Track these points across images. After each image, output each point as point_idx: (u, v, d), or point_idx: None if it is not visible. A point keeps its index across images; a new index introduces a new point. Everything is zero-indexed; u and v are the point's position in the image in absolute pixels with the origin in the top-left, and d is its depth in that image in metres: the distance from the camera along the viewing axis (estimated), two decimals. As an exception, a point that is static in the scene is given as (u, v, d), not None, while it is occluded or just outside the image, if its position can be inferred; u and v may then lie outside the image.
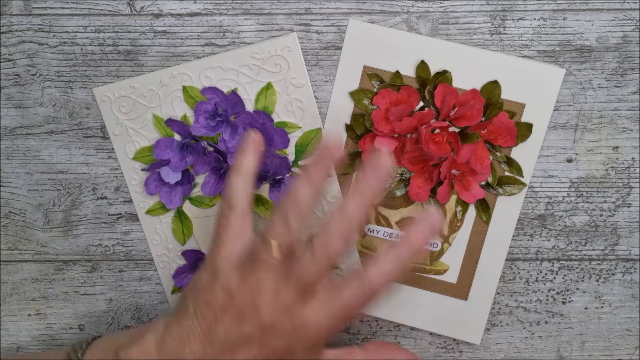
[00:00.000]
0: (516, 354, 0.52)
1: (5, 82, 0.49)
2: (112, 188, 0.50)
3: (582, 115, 0.49)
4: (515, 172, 0.49)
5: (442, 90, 0.47)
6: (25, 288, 0.51)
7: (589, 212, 0.50)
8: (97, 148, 0.50)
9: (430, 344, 0.52)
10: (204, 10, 0.48)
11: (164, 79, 0.48)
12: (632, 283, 0.50)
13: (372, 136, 0.48)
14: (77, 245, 0.51)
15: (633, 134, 0.49)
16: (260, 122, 0.48)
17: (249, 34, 0.48)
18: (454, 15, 0.48)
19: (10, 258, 0.51)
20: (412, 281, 0.51)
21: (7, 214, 0.51)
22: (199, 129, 0.48)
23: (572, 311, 0.51)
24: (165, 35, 0.48)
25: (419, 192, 0.49)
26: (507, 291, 0.51)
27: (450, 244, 0.50)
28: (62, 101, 0.49)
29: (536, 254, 0.50)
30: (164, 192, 0.49)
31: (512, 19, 0.47)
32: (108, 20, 0.48)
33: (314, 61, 0.48)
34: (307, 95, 0.48)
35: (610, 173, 0.49)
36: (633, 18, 0.47)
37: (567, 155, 0.49)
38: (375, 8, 0.48)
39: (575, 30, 0.48)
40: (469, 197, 0.48)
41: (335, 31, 0.48)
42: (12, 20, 0.48)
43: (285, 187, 0.49)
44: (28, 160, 0.50)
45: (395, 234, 0.50)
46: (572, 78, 0.48)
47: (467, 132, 0.47)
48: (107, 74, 0.49)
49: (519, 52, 0.48)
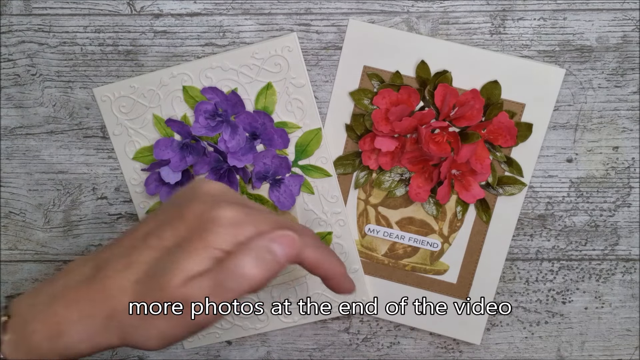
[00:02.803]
0: (516, 354, 0.52)
1: (5, 82, 0.49)
2: (112, 188, 0.50)
3: (582, 115, 0.49)
4: (515, 172, 0.49)
5: (442, 90, 0.47)
6: (25, 288, 0.51)
7: (589, 212, 0.50)
8: (97, 148, 0.50)
9: (430, 344, 0.52)
10: (204, 10, 0.48)
11: (164, 79, 0.48)
12: (632, 283, 0.50)
13: (372, 136, 0.48)
14: (77, 245, 0.51)
15: (633, 134, 0.49)
16: (260, 122, 0.48)
17: (249, 34, 0.48)
18: (454, 15, 0.48)
19: (10, 258, 0.51)
20: (412, 281, 0.51)
21: (7, 214, 0.51)
22: (199, 129, 0.48)
23: (572, 311, 0.51)
24: (165, 35, 0.48)
25: (419, 192, 0.49)
26: (507, 291, 0.51)
27: (450, 244, 0.50)
28: (62, 101, 0.49)
29: (536, 254, 0.50)
30: (164, 192, 0.49)
31: (512, 19, 0.47)
32: (108, 20, 0.48)
33: (314, 61, 0.48)
34: (307, 95, 0.48)
35: (610, 173, 0.49)
36: (633, 18, 0.47)
37: (567, 155, 0.49)
38: (375, 8, 0.48)
39: (575, 30, 0.48)
40: (469, 197, 0.48)
41: (335, 31, 0.48)
42: (12, 20, 0.48)
43: (285, 187, 0.49)
44: (28, 160, 0.50)
45: (395, 234, 0.50)
46: (572, 78, 0.48)
47: (467, 132, 0.47)
48: (107, 74, 0.49)
49: (519, 52, 0.48)
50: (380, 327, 0.52)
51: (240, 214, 0.34)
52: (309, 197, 0.49)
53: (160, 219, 0.35)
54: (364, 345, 0.52)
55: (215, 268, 0.32)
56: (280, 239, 0.33)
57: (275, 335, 0.52)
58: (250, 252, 0.32)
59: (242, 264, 0.32)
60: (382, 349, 0.52)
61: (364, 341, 0.52)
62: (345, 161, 0.49)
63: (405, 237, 0.50)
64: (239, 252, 0.32)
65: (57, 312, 0.33)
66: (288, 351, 0.52)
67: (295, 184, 0.49)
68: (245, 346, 0.52)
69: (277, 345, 0.52)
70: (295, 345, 0.52)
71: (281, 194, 0.49)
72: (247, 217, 0.34)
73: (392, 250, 0.50)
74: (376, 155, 0.49)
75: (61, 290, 0.34)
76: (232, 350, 0.52)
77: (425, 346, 0.52)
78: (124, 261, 0.34)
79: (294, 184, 0.49)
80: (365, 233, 0.50)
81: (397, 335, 0.52)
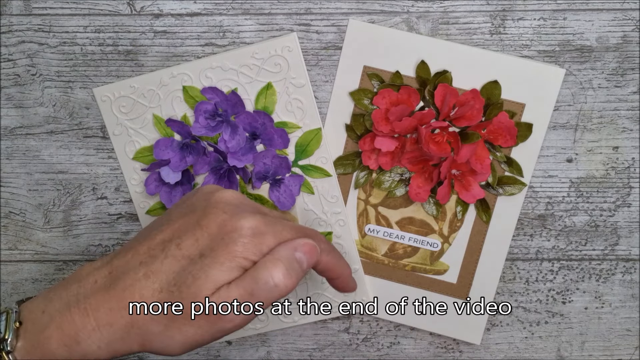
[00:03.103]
0: (516, 354, 0.52)
1: (5, 82, 0.49)
2: (112, 188, 0.50)
3: (582, 115, 0.49)
4: (515, 172, 0.49)
5: (442, 90, 0.47)
6: (25, 288, 0.51)
7: (589, 212, 0.50)
8: (97, 148, 0.50)
9: (430, 344, 0.52)
10: (204, 10, 0.48)
11: (164, 79, 0.48)
12: (632, 283, 0.50)
13: (372, 136, 0.48)
14: (77, 245, 0.51)
15: (633, 134, 0.49)
16: (260, 122, 0.48)
17: (249, 34, 0.48)
18: (454, 15, 0.48)
19: (10, 258, 0.51)
20: (412, 281, 0.51)
21: (7, 214, 0.51)
22: (199, 129, 0.48)
23: (572, 311, 0.51)
24: (165, 35, 0.48)
25: (419, 192, 0.49)
26: (507, 291, 0.51)
27: (450, 244, 0.50)
28: (62, 101, 0.49)
29: (536, 254, 0.50)
30: (164, 192, 0.49)
31: (512, 19, 0.47)
32: (108, 20, 0.48)
33: (314, 61, 0.48)
34: (307, 95, 0.48)
35: (610, 173, 0.49)
36: (633, 18, 0.47)
37: (567, 155, 0.49)
38: (375, 8, 0.48)
39: (575, 30, 0.48)
40: (469, 197, 0.48)
41: (335, 31, 0.48)
42: (12, 20, 0.48)
43: (285, 187, 0.49)
44: (28, 160, 0.50)
45: (395, 234, 0.50)
46: (572, 78, 0.48)
47: (467, 132, 0.47)
48: (107, 74, 0.49)
49: (519, 52, 0.48)
50: (380, 327, 0.52)
51: (260, 223, 0.35)
52: (309, 197, 0.49)
53: (176, 227, 0.35)
54: (364, 345, 0.52)
55: (246, 278, 0.33)
56: (303, 247, 0.35)
57: (275, 335, 0.52)
58: (279, 262, 0.34)
59: (273, 274, 0.33)
60: (382, 349, 0.52)
61: (364, 341, 0.52)
62: (345, 161, 0.49)
63: (405, 237, 0.50)
64: (269, 263, 0.34)
65: (74, 320, 0.34)
66: (288, 351, 0.52)
67: (295, 184, 0.49)
68: (245, 346, 0.52)
69: (277, 345, 0.52)
70: (295, 345, 0.52)
71: (281, 194, 0.49)
72: (267, 226, 0.35)
73: (392, 250, 0.50)
74: (376, 155, 0.49)
75: (76, 298, 0.34)
76: (232, 350, 0.52)
77: (425, 346, 0.52)
78: (144, 270, 0.34)
79: (294, 184, 0.49)
80: (365, 233, 0.50)
81: (397, 335, 0.52)
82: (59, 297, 0.35)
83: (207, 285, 0.33)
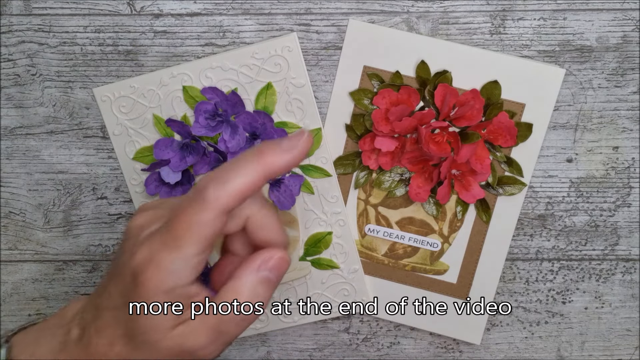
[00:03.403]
0: (516, 354, 0.52)
1: (5, 82, 0.49)
2: (112, 188, 0.50)
3: (582, 115, 0.49)
4: (515, 172, 0.49)
5: (442, 90, 0.47)
6: (25, 288, 0.51)
7: (589, 212, 0.50)
8: (97, 148, 0.50)
9: (430, 344, 0.52)
10: (204, 10, 0.48)
11: (164, 79, 0.48)
12: (632, 283, 0.50)
13: (372, 136, 0.48)
14: (77, 245, 0.51)
15: (633, 134, 0.49)
16: (260, 122, 0.48)
17: (249, 34, 0.48)
18: (454, 15, 0.48)
19: (10, 258, 0.51)
20: (412, 281, 0.51)
21: (7, 214, 0.51)
22: (199, 129, 0.48)
23: (572, 311, 0.51)
24: (165, 35, 0.48)
25: (419, 192, 0.49)
26: (507, 291, 0.51)
27: (450, 244, 0.50)
28: (62, 101, 0.49)
29: (536, 254, 0.50)
30: (164, 192, 0.49)
31: (512, 19, 0.47)
32: (108, 20, 0.48)
33: (314, 61, 0.48)
34: (307, 95, 0.48)
35: (610, 173, 0.49)
36: (633, 18, 0.47)
37: (567, 155, 0.49)
38: (375, 8, 0.48)
39: (575, 30, 0.48)
40: (469, 197, 0.48)
41: (335, 31, 0.48)
42: (12, 20, 0.48)
43: (285, 187, 0.49)
44: (28, 160, 0.50)
45: (395, 234, 0.50)
46: (572, 78, 0.48)
47: (467, 132, 0.47)
48: (107, 74, 0.49)
49: (519, 52, 0.48)
50: (380, 327, 0.52)
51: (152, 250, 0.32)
52: (309, 197, 0.49)
53: (107, 273, 0.34)
54: (364, 345, 0.52)
55: (206, 316, 0.32)
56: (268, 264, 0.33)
57: (275, 335, 0.52)
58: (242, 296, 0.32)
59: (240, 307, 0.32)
60: (382, 349, 0.52)
61: (364, 341, 0.52)
62: (345, 161, 0.49)
63: (405, 237, 0.50)
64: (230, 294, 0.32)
65: None
66: (288, 351, 0.52)
67: (295, 184, 0.49)
68: (245, 346, 0.52)
69: (277, 345, 0.52)
70: (295, 345, 0.52)
71: (281, 194, 0.49)
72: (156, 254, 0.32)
73: (392, 250, 0.50)
74: (376, 155, 0.49)
75: (62, 346, 0.34)
76: (232, 350, 0.52)
77: (425, 346, 0.52)
78: (98, 324, 0.33)
79: (294, 184, 0.49)
80: (365, 233, 0.50)
81: (397, 335, 0.52)
82: (47, 342, 0.34)
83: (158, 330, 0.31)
